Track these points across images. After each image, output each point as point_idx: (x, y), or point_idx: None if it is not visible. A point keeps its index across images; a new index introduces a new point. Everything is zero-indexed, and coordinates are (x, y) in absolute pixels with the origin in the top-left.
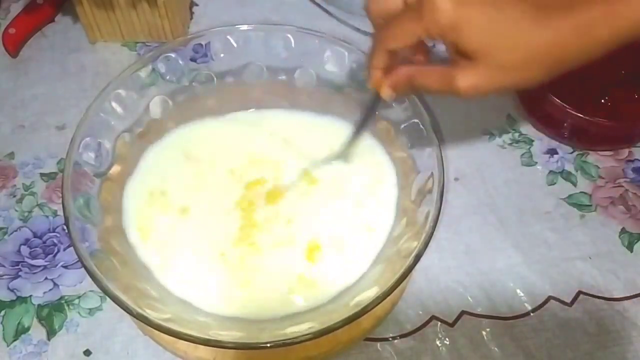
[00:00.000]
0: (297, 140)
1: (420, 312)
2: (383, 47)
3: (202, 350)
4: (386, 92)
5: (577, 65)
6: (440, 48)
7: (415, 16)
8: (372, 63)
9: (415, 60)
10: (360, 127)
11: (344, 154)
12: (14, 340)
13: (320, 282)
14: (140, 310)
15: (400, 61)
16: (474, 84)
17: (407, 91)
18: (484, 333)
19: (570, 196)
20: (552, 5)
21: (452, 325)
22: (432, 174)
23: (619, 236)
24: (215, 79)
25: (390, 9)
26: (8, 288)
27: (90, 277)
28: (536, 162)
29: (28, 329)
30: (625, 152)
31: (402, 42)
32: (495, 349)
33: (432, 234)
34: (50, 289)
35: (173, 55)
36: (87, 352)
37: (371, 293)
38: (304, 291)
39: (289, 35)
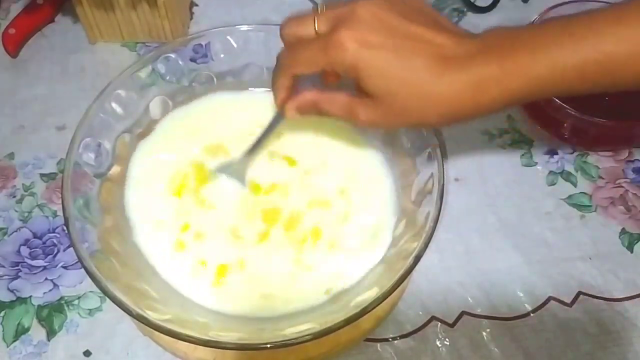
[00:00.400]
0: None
1: (420, 313)
2: (289, 70)
3: (202, 350)
4: (290, 114)
5: (475, 118)
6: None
7: (322, 47)
8: (277, 84)
9: (324, 81)
10: (260, 140)
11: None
12: (14, 341)
13: (320, 281)
14: (140, 311)
15: (310, 81)
16: (372, 119)
17: (312, 113)
18: (484, 333)
19: (570, 196)
20: (452, 59)
21: (452, 325)
22: (432, 174)
23: (619, 236)
24: (215, 79)
25: (302, 35)
26: (8, 288)
27: (90, 277)
28: (536, 163)
29: (28, 329)
30: (625, 153)
31: (307, 69)
32: (495, 349)
33: (432, 234)
34: (50, 290)
35: (173, 55)
36: (87, 353)
37: (371, 293)
38: (305, 289)
39: None
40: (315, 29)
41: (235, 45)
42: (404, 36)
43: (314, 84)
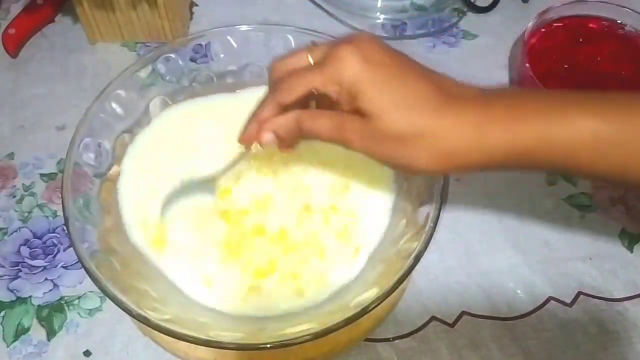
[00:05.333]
0: None
1: (420, 313)
2: (276, 99)
3: (202, 350)
4: (267, 137)
5: (469, 169)
6: None
7: (315, 68)
8: (259, 115)
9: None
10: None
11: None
12: (14, 341)
13: (320, 281)
14: (140, 311)
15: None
16: (360, 137)
17: (292, 137)
18: (484, 333)
19: (570, 196)
20: (455, 97)
21: (452, 325)
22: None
23: (619, 236)
24: (215, 79)
25: (295, 67)
26: (8, 288)
27: (90, 277)
28: None
29: (28, 329)
30: None
31: (296, 93)
32: (495, 349)
33: (432, 234)
34: (50, 290)
35: (173, 55)
36: (87, 353)
37: (371, 293)
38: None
39: (289, 36)
40: (309, 60)
41: (235, 45)
42: (407, 65)
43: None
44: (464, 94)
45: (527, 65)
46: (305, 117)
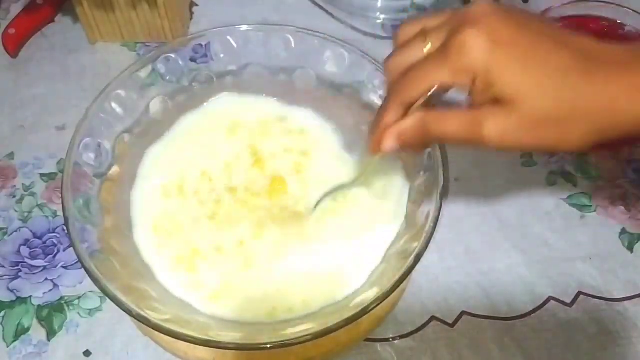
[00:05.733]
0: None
1: (420, 313)
2: (399, 99)
3: (202, 350)
4: (388, 143)
5: (622, 137)
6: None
7: (438, 60)
8: (384, 120)
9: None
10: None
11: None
12: (14, 341)
13: (320, 283)
14: (140, 311)
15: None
16: (502, 133)
17: (417, 142)
18: (484, 333)
19: (570, 196)
20: (602, 61)
21: (452, 325)
22: (432, 174)
23: (619, 237)
24: (215, 79)
25: (412, 61)
26: (8, 288)
27: (90, 277)
28: (536, 163)
29: (28, 329)
30: (625, 153)
31: (421, 91)
32: (495, 349)
33: (432, 234)
34: (50, 290)
35: (173, 55)
36: (87, 353)
37: (371, 294)
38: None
39: (289, 36)
40: (425, 49)
41: (235, 45)
42: (538, 33)
43: None
44: (609, 56)
45: None
46: (431, 119)
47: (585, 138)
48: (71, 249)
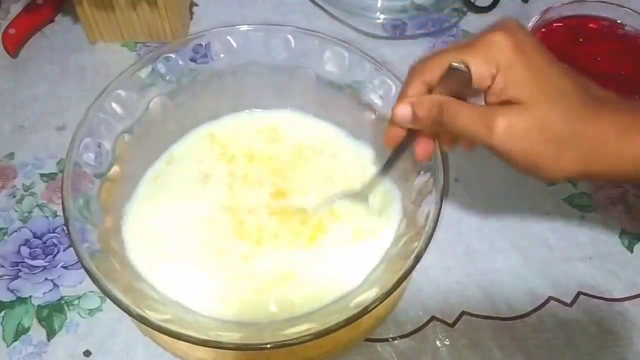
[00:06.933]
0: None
1: (420, 313)
2: (422, 77)
3: (202, 350)
4: (402, 109)
5: (603, 174)
6: None
7: (465, 47)
8: (405, 92)
9: None
10: (385, 170)
11: (363, 194)
12: (14, 341)
13: (320, 285)
14: (140, 311)
15: None
16: (512, 126)
17: (429, 120)
18: (484, 333)
19: (570, 197)
20: (602, 99)
21: (452, 325)
22: (432, 174)
23: (619, 237)
24: (215, 79)
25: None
26: (8, 288)
27: (90, 277)
28: None
29: (28, 329)
30: None
31: (444, 65)
32: (495, 349)
33: (432, 234)
34: (50, 290)
35: (173, 55)
36: (87, 353)
37: (371, 294)
38: (305, 293)
39: (289, 36)
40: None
41: (235, 45)
42: (552, 59)
43: None
44: (607, 97)
45: None
46: (449, 104)
47: (572, 166)
48: (71, 249)
